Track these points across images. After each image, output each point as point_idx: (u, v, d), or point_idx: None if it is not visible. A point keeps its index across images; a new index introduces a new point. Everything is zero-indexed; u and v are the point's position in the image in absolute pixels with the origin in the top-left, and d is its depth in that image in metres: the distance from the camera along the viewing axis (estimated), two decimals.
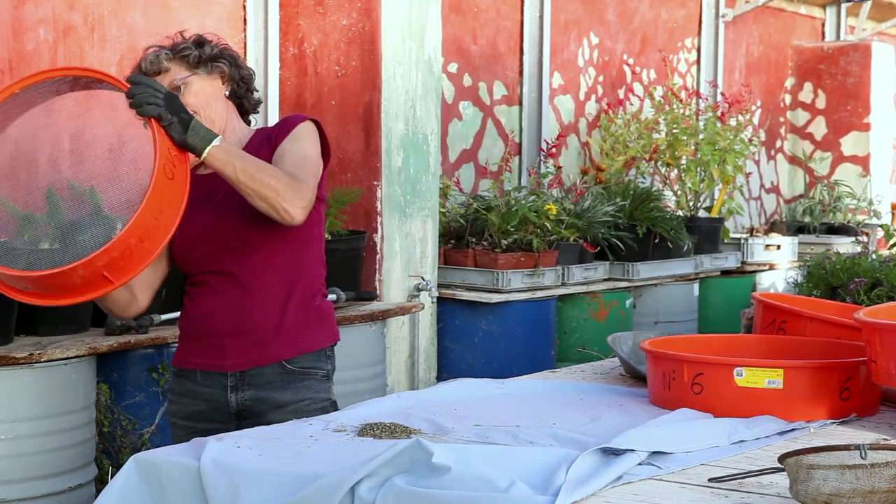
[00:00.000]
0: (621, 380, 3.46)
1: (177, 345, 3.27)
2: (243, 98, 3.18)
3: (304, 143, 3.04)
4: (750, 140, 8.10)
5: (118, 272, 2.70)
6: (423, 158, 5.92)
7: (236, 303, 3.07)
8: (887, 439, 2.68)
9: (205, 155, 2.80)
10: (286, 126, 3.09)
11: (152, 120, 2.74)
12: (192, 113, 2.89)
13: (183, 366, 3.17)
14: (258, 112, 3.29)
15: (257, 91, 3.25)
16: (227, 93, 3.14)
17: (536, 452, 2.44)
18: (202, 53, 3.08)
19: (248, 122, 3.24)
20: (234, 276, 3.06)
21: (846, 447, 2.12)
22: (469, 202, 6.43)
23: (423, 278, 5.94)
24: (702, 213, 8.00)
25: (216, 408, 3.10)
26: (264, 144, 3.08)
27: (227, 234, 3.03)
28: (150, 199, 2.66)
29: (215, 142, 2.80)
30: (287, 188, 2.85)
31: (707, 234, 7.65)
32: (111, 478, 2.57)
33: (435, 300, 6.05)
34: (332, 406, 3.15)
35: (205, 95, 3.06)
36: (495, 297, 6.05)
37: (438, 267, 6.11)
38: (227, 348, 3.07)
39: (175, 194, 2.74)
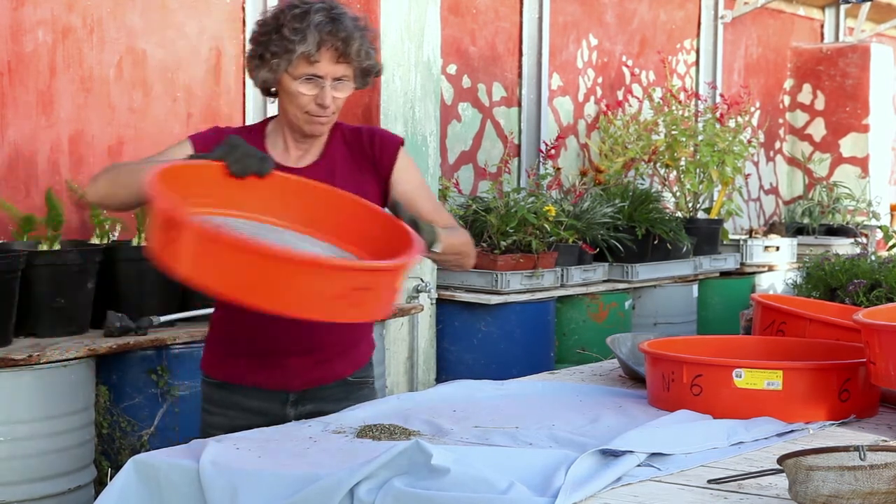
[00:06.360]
0: (620, 381, 3.46)
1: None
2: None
3: (419, 174, 3.13)
4: (749, 141, 8.09)
5: None
6: (422, 160, 5.91)
7: (302, 323, 2.84)
8: (886, 441, 2.68)
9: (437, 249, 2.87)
10: (389, 148, 3.06)
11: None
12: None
13: (234, 381, 3.08)
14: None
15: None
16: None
17: (535, 454, 2.44)
18: (372, 75, 3.04)
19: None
20: None
21: (845, 448, 2.12)
22: (468, 203, 6.43)
23: (421, 280, 5.93)
24: (701, 215, 7.99)
25: (270, 421, 2.99)
26: (363, 165, 3.04)
27: None
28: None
29: (436, 247, 2.84)
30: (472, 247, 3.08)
31: (706, 236, 7.65)
32: (110, 479, 2.57)
33: (434, 301, 6.05)
34: None
35: (345, 99, 3.02)
36: (494, 299, 6.05)
37: (437, 268, 6.10)
38: (292, 367, 3.04)
39: None
